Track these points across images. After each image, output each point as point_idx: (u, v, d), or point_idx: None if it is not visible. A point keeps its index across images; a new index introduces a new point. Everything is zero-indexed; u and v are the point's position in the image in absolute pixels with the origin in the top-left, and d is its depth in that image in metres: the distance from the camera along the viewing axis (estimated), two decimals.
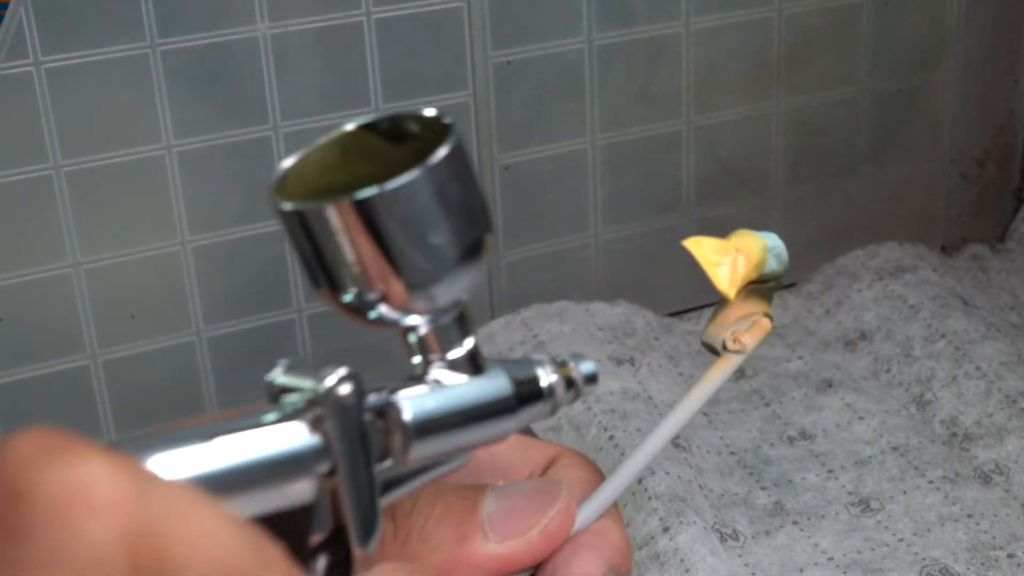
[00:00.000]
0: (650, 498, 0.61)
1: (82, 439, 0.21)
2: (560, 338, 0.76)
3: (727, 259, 0.35)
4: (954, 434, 0.70)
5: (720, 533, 0.63)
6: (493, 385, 0.32)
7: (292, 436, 0.27)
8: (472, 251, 0.30)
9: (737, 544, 0.63)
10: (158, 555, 0.21)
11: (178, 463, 0.25)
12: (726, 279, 0.35)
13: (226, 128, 0.70)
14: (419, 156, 0.29)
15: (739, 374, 0.78)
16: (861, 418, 0.72)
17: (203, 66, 0.68)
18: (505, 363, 0.33)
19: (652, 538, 0.60)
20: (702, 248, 0.35)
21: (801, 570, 0.62)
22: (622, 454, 0.66)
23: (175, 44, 0.67)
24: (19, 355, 0.69)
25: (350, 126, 0.31)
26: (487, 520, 0.32)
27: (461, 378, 0.31)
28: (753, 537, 0.64)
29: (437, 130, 0.29)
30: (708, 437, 0.71)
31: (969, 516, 0.64)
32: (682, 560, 0.59)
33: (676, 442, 0.68)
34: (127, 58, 0.66)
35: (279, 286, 0.74)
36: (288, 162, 0.30)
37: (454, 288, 0.30)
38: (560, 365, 0.34)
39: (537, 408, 0.33)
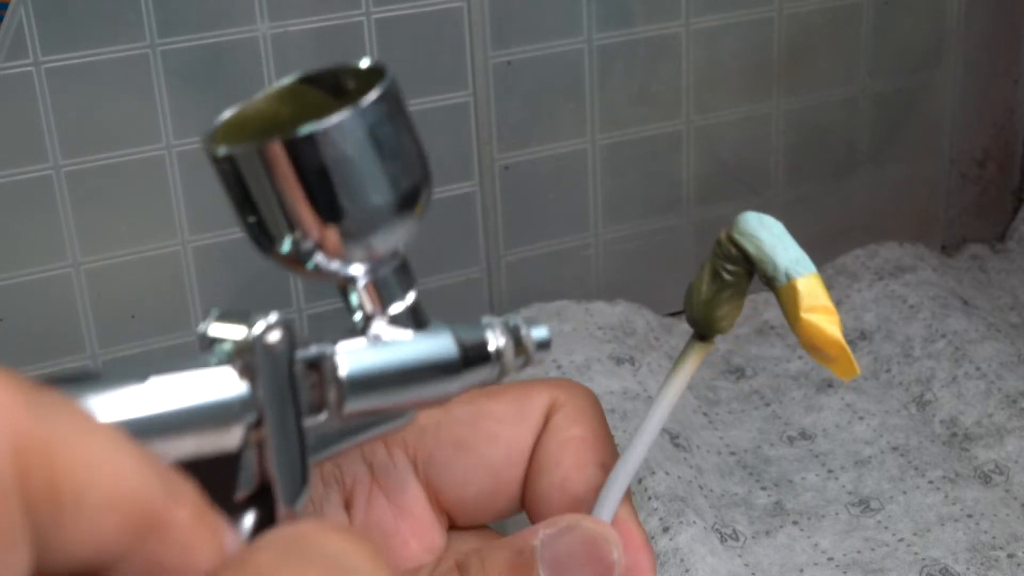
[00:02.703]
0: (650, 498, 0.61)
1: None
2: (560, 337, 0.76)
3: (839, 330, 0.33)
4: (954, 434, 0.70)
5: (720, 533, 0.63)
6: (437, 344, 0.31)
7: (219, 383, 0.26)
8: (408, 199, 0.29)
9: (737, 544, 0.63)
10: (51, 474, 0.20)
11: (97, 406, 0.24)
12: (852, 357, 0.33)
13: None
14: None
15: (739, 374, 0.78)
16: (861, 418, 0.72)
17: (203, 66, 0.68)
18: (453, 324, 0.32)
19: (652, 538, 0.60)
20: (838, 333, 0.33)
21: (801, 570, 0.61)
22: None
23: (175, 44, 0.67)
24: (19, 355, 0.69)
25: (288, 79, 0.31)
26: None
27: (403, 334, 0.30)
28: (753, 537, 0.64)
29: (376, 81, 0.29)
30: (708, 437, 0.71)
31: (969, 516, 0.64)
32: (682, 560, 0.59)
33: (676, 442, 0.68)
34: (127, 58, 0.66)
35: (279, 286, 0.74)
36: (226, 114, 0.30)
37: (390, 237, 0.29)
38: (511, 329, 0.32)
39: (483, 371, 0.32)
